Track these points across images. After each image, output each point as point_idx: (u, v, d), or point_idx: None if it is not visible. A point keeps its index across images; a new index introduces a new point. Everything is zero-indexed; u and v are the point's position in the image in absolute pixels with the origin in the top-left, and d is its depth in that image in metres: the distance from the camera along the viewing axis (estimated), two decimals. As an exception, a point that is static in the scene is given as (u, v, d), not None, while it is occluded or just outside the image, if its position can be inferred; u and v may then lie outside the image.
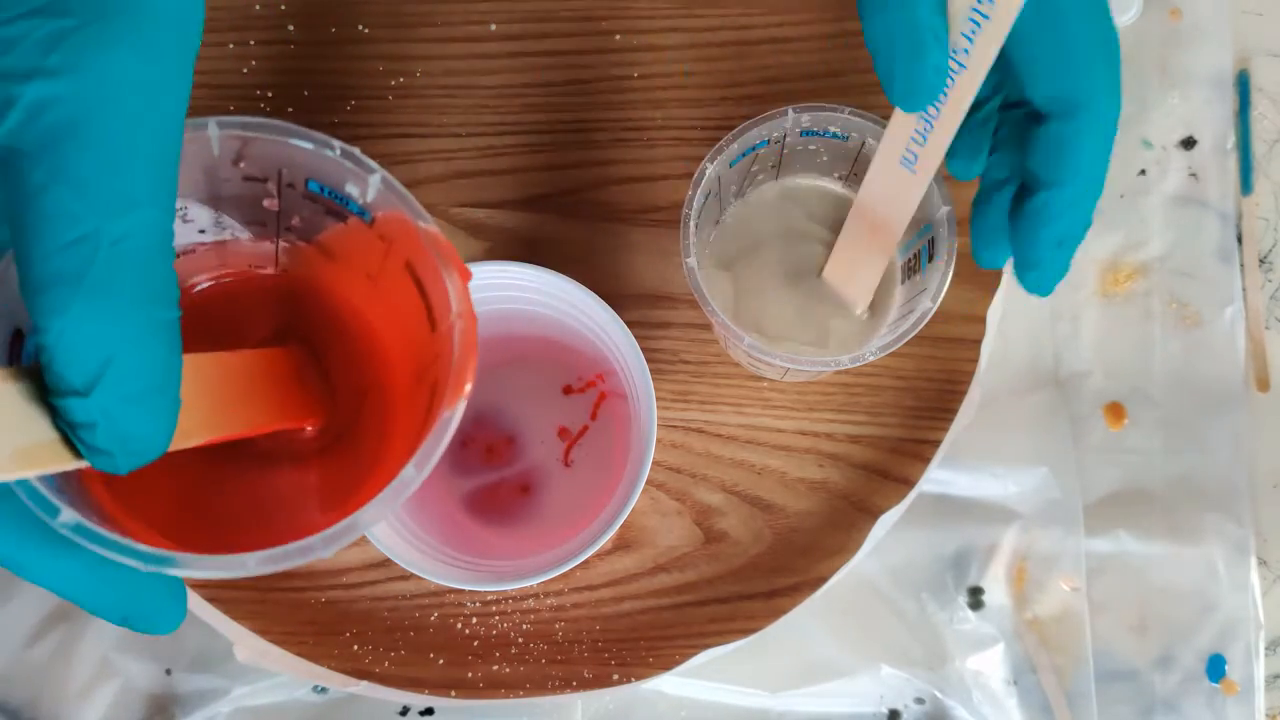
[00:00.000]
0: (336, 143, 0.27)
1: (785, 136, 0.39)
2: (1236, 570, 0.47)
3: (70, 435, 0.22)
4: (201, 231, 0.29)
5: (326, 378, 0.31)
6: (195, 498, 0.29)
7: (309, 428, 0.31)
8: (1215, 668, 0.46)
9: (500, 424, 0.46)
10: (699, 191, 0.38)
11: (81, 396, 0.22)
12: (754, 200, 0.42)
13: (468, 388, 0.27)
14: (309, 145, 0.27)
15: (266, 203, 0.29)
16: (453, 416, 0.26)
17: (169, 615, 0.26)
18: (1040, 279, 0.34)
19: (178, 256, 0.25)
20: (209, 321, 0.31)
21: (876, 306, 0.41)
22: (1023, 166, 0.33)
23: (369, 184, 0.27)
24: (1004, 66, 0.32)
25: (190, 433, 0.25)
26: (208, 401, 0.26)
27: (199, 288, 0.31)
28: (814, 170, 0.42)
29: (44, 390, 0.22)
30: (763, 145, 0.39)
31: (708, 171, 0.38)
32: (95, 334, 0.22)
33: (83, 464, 0.23)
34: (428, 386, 0.28)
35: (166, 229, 0.23)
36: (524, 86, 0.48)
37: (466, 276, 0.27)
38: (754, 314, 0.41)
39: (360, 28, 0.48)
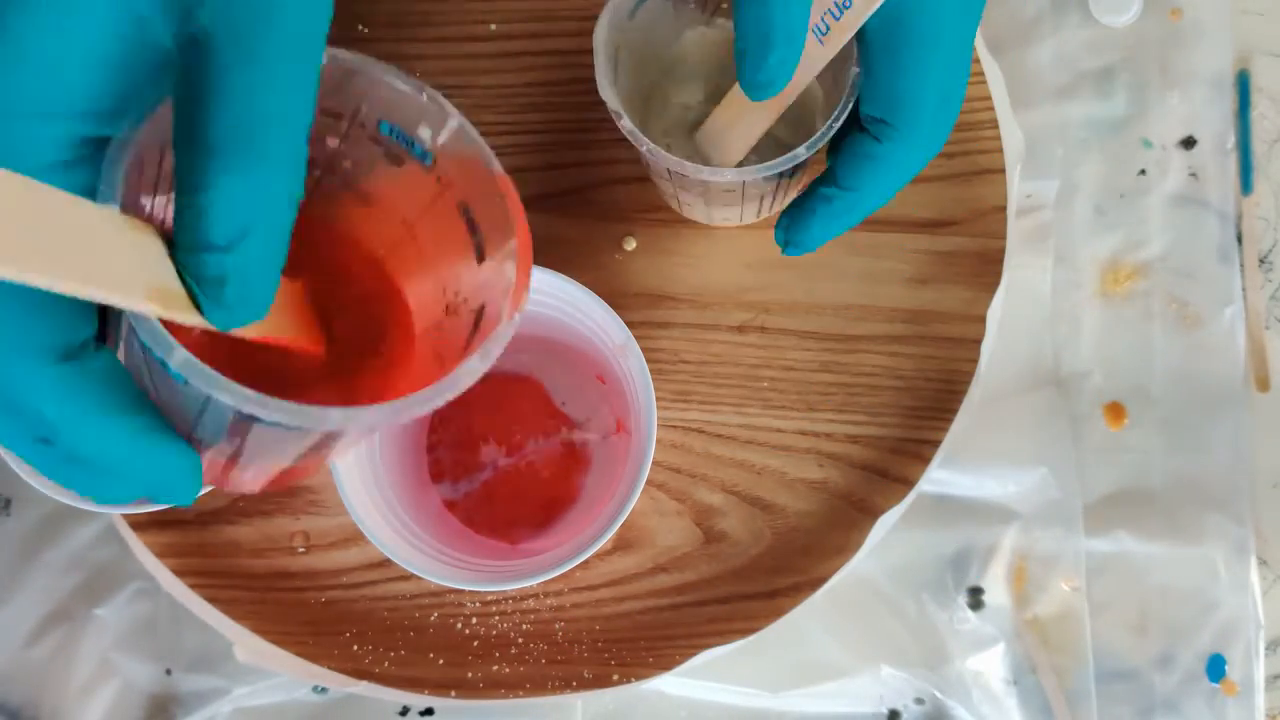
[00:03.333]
0: (426, 88, 0.28)
1: None
2: (1236, 570, 0.46)
3: (195, 289, 0.24)
4: None
5: (322, 317, 0.32)
6: None
7: (310, 353, 0.32)
8: (1215, 668, 0.46)
9: (498, 424, 0.46)
10: (601, 55, 0.38)
11: (221, 252, 0.24)
12: (670, 44, 0.43)
13: (526, 297, 0.29)
14: (405, 88, 0.28)
15: (329, 140, 0.30)
16: (513, 324, 0.28)
17: (189, 487, 0.27)
18: (796, 253, 0.39)
19: None
20: None
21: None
22: (829, 161, 0.38)
23: (445, 128, 0.28)
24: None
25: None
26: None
27: None
28: None
29: (170, 246, 0.24)
30: None
31: (600, 32, 0.38)
32: (248, 197, 0.24)
33: (198, 319, 0.25)
34: (472, 311, 0.30)
35: (312, 116, 0.25)
36: (524, 86, 0.48)
37: (520, 208, 0.29)
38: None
39: (360, 28, 0.48)
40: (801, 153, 0.37)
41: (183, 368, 0.24)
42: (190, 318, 0.24)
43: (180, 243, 0.24)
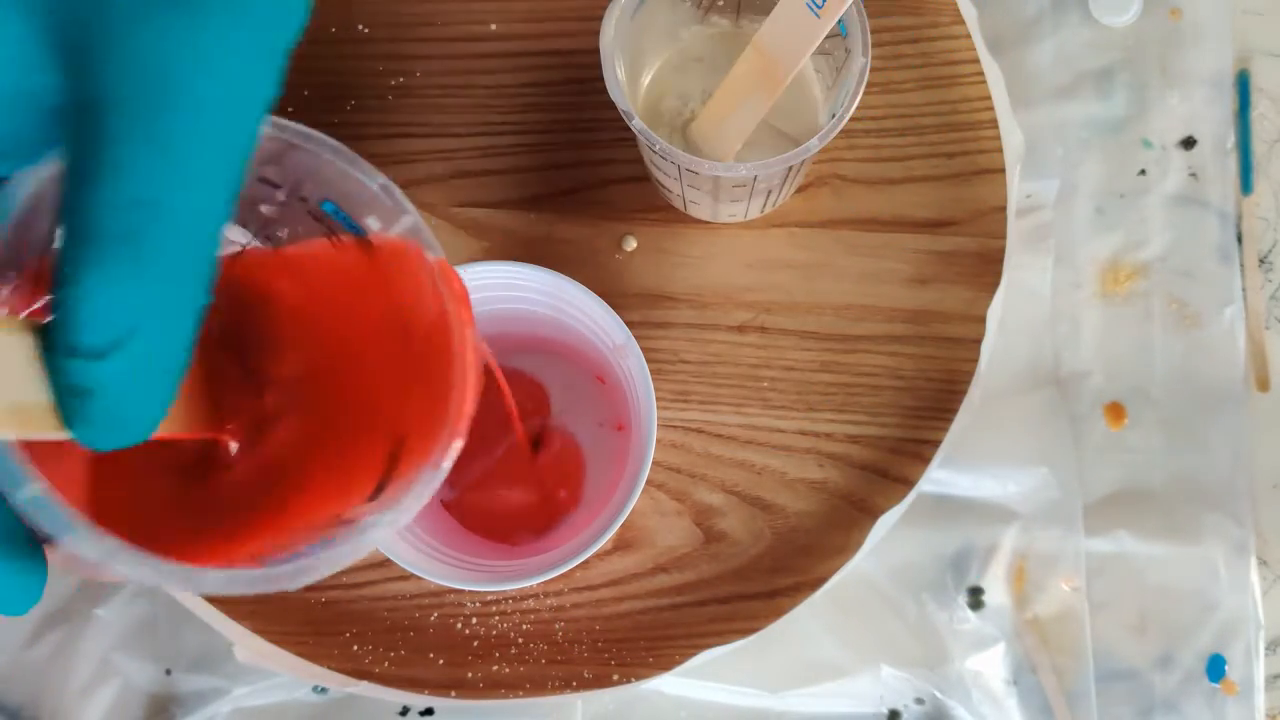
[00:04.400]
0: (380, 176, 0.26)
1: None
2: (1236, 570, 0.46)
3: (62, 400, 0.21)
4: None
5: (255, 392, 0.30)
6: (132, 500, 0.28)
7: (231, 440, 0.29)
8: (1215, 668, 0.46)
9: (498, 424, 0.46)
10: (610, 58, 0.38)
11: (92, 360, 0.20)
12: (667, 43, 0.44)
13: (468, 408, 0.27)
14: (355, 173, 0.26)
15: (264, 208, 0.27)
16: (457, 445, 0.27)
17: (27, 595, 0.23)
18: None
19: None
20: None
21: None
22: None
23: (398, 224, 0.27)
24: None
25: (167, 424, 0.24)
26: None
27: None
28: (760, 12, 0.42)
29: (47, 348, 0.21)
30: None
31: (607, 34, 0.38)
32: (130, 298, 0.20)
33: (64, 436, 0.21)
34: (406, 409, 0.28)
35: (226, 215, 0.21)
36: (524, 86, 0.48)
37: (469, 321, 0.27)
38: None
39: (360, 28, 0.48)
40: (814, 144, 0.37)
41: (31, 506, 0.20)
42: (57, 435, 0.21)
43: (47, 344, 0.20)
